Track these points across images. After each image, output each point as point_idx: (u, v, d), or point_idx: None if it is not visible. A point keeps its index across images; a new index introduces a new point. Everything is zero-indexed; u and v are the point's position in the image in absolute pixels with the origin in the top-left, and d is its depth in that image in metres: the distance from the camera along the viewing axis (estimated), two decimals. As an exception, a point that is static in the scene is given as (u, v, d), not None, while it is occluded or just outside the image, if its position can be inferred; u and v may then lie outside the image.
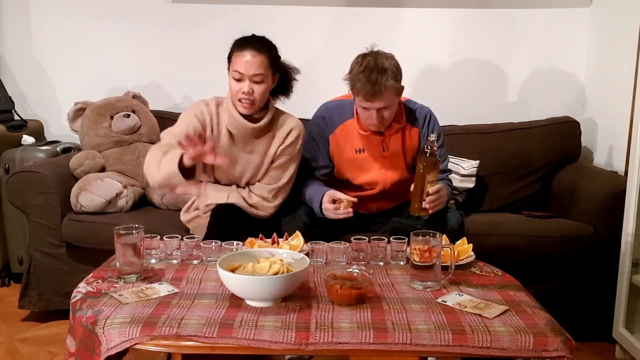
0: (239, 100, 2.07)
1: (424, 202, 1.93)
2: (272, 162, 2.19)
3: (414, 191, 1.94)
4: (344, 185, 2.25)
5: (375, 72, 1.99)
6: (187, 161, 1.78)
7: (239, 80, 2.05)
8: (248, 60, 2.02)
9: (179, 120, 2.17)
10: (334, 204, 2.06)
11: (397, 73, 2.05)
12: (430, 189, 1.92)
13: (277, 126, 2.19)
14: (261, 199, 2.18)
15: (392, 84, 2.01)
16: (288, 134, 2.18)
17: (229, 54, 2.11)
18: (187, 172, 1.81)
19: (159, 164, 1.85)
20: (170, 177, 1.80)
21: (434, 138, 1.90)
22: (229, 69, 2.10)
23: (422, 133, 2.22)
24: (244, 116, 2.11)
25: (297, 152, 2.22)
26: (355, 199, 2.08)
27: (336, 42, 3.05)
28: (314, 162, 2.27)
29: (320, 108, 2.29)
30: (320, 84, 2.97)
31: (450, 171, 2.39)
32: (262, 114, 2.14)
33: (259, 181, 2.22)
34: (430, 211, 1.95)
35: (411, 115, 2.23)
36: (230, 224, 2.04)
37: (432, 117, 2.25)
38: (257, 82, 2.05)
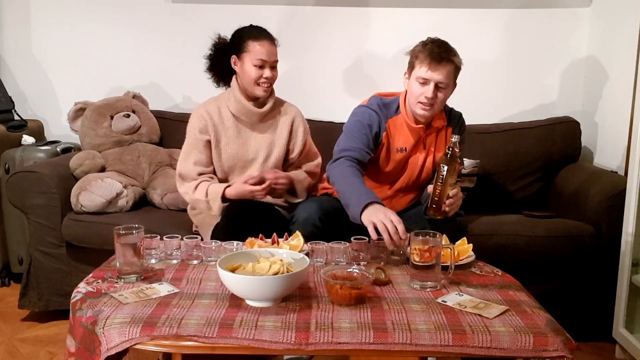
0: (259, 85, 2.22)
1: (443, 205, 1.87)
2: (288, 142, 2.34)
3: (433, 194, 1.87)
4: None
5: (442, 46, 2.02)
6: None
7: (261, 67, 2.20)
8: (269, 49, 2.22)
9: (188, 141, 2.29)
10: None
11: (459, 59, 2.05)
12: (451, 191, 1.87)
13: (278, 110, 2.36)
14: (308, 175, 2.35)
15: (456, 60, 2.03)
16: (294, 118, 2.35)
17: (238, 44, 2.22)
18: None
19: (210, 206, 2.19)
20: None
21: (456, 139, 1.84)
22: (238, 57, 2.22)
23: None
24: (251, 102, 2.27)
25: (307, 128, 2.40)
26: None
27: (337, 42, 3.05)
28: (361, 143, 2.06)
29: (373, 98, 2.17)
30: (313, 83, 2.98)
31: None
32: (266, 99, 2.30)
33: (291, 165, 2.38)
34: (450, 214, 1.90)
35: (449, 116, 2.21)
36: (242, 224, 2.05)
37: (462, 120, 2.24)
38: (274, 67, 2.25)
